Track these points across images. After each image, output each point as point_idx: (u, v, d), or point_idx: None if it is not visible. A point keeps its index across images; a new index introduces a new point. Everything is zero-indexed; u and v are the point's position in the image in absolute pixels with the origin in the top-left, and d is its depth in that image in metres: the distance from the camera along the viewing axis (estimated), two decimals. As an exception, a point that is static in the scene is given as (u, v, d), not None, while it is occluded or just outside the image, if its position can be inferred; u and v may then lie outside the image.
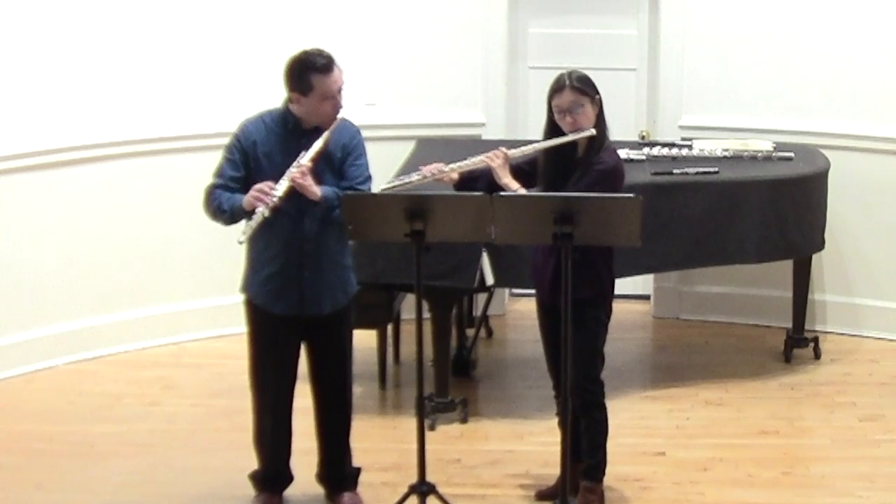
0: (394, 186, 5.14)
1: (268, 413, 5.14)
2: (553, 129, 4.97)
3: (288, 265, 4.94)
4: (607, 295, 5.04)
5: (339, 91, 4.89)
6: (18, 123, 6.62)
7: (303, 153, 4.82)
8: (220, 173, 4.94)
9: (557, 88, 4.92)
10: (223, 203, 4.87)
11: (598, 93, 4.94)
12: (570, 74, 4.94)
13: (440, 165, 5.09)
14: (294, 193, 4.81)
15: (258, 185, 4.78)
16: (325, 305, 5.01)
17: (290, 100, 4.90)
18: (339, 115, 4.89)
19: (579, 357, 4.95)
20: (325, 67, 4.83)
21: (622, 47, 7.52)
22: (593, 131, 4.89)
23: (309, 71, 4.82)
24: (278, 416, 5.13)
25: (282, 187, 4.76)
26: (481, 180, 5.02)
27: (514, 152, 5.04)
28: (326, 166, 4.92)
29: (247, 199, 4.79)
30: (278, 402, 5.11)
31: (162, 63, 6.96)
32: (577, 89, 4.88)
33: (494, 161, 4.99)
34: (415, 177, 5.09)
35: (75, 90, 6.76)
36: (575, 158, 4.96)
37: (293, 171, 4.78)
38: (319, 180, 4.87)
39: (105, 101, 6.84)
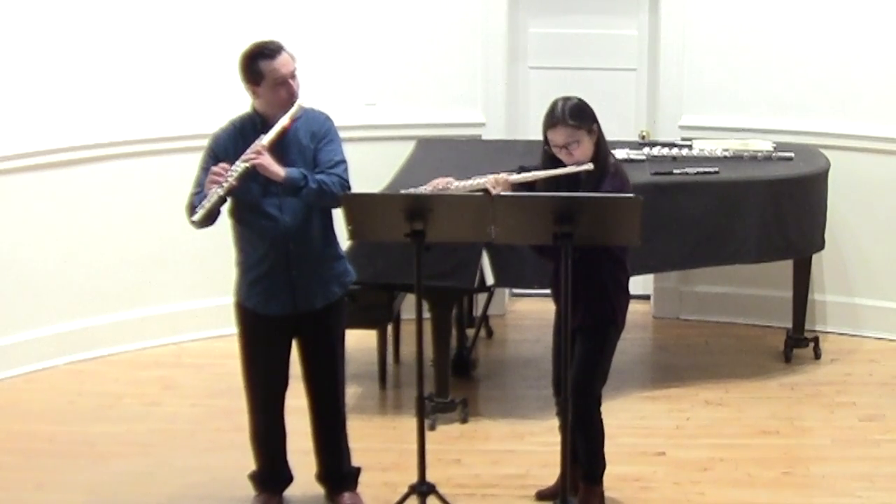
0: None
1: (261, 414, 5.14)
2: (550, 158, 4.90)
3: (275, 266, 4.94)
4: (619, 316, 5.00)
5: (292, 76, 4.88)
6: (18, 123, 6.62)
7: (261, 136, 4.83)
8: (198, 183, 4.94)
9: (551, 125, 4.82)
10: (195, 203, 4.87)
11: (595, 121, 4.84)
12: (563, 108, 4.81)
13: (449, 179, 5.04)
14: (270, 190, 4.82)
15: (214, 168, 4.79)
16: (317, 300, 5.00)
17: (251, 96, 4.91)
18: (300, 102, 4.87)
19: (579, 372, 4.94)
20: (271, 53, 4.84)
21: (622, 47, 7.51)
22: (591, 166, 4.81)
23: (257, 59, 4.84)
24: (271, 416, 5.14)
25: (238, 168, 4.76)
26: None
27: (516, 178, 4.94)
28: (299, 157, 4.91)
29: (206, 184, 4.80)
30: (271, 403, 5.12)
31: (161, 63, 6.96)
32: (571, 126, 4.79)
33: (496, 189, 4.89)
34: (423, 190, 5.07)
35: (75, 90, 6.76)
36: (579, 184, 4.87)
37: (249, 152, 4.79)
38: None
39: (104, 101, 6.85)
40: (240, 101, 5.11)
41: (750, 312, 7.35)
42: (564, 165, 4.85)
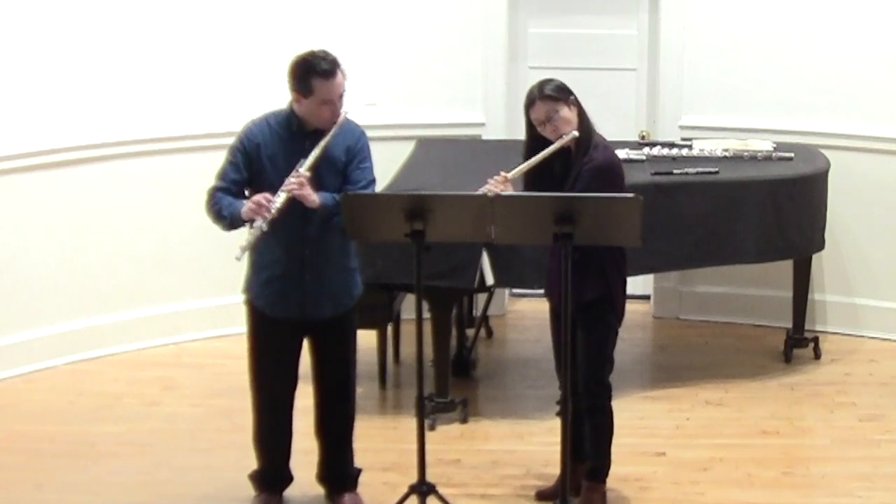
0: None
1: (267, 413, 5.13)
2: (534, 142, 4.96)
3: (289, 269, 4.93)
4: (616, 298, 5.02)
5: (340, 97, 4.86)
6: (18, 123, 6.62)
7: (301, 161, 4.80)
8: (222, 176, 4.92)
9: (529, 103, 4.96)
10: (223, 209, 4.85)
11: (571, 94, 4.95)
12: (539, 86, 4.96)
13: None
14: (293, 199, 4.80)
15: (256, 198, 4.76)
16: (326, 310, 5.00)
17: (293, 100, 4.89)
18: (341, 117, 4.88)
19: (587, 361, 4.97)
20: (327, 73, 4.79)
21: (622, 47, 7.51)
22: (576, 133, 4.89)
23: (311, 74, 4.80)
24: (278, 416, 5.13)
25: (279, 199, 4.74)
26: None
27: (513, 173, 4.99)
28: (330, 169, 4.90)
29: (244, 211, 4.78)
30: (278, 403, 5.11)
31: (162, 63, 6.96)
32: (547, 97, 4.90)
33: (497, 186, 4.94)
34: None
35: (75, 90, 6.75)
36: (570, 159, 4.96)
37: (291, 181, 4.76)
38: (322, 184, 4.86)
39: (105, 101, 6.84)
40: (241, 102, 5.11)
41: (750, 312, 7.35)
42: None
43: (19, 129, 6.63)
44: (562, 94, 4.93)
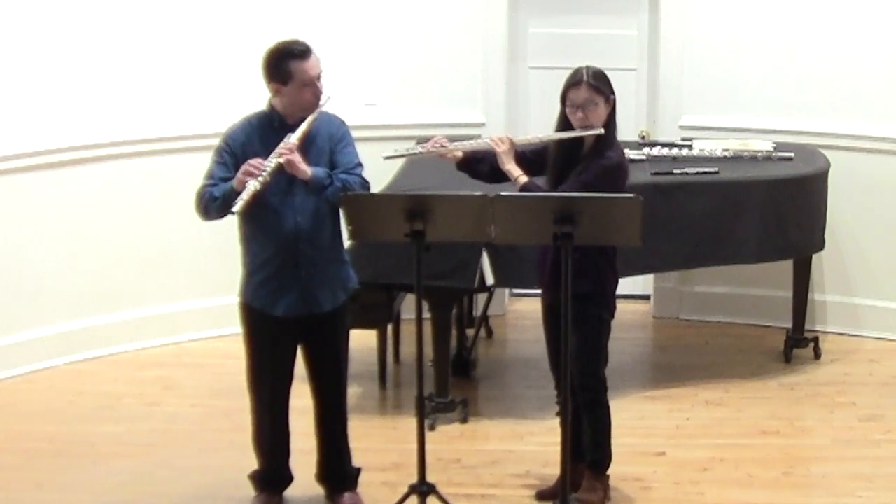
0: (399, 154, 5.23)
1: (266, 414, 5.14)
2: (566, 122, 4.99)
3: (284, 266, 4.94)
4: (608, 292, 5.04)
5: (318, 77, 4.90)
6: (18, 123, 6.62)
7: (289, 135, 4.84)
8: (210, 175, 4.94)
9: (574, 83, 4.96)
10: (214, 192, 4.87)
11: (613, 93, 4.99)
12: (587, 70, 4.97)
13: (443, 140, 5.15)
14: (284, 189, 4.83)
15: (249, 161, 4.79)
16: (325, 303, 5.01)
17: (272, 94, 4.92)
18: (323, 106, 4.90)
19: (581, 355, 4.97)
20: (302, 53, 4.86)
21: (622, 47, 7.51)
22: (602, 130, 4.92)
23: (286, 58, 4.84)
24: (276, 417, 5.14)
25: (271, 163, 4.78)
26: (485, 162, 5.05)
27: (520, 140, 5.09)
28: (318, 156, 4.93)
29: (237, 178, 4.79)
30: (276, 404, 5.12)
31: (161, 63, 6.96)
32: (593, 87, 4.93)
33: (500, 146, 5.04)
34: (418, 148, 5.17)
35: (75, 90, 6.76)
36: (581, 154, 4.98)
37: (281, 148, 4.80)
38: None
39: (105, 101, 6.84)
40: (241, 101, 5.11)
41: (750, 312, 7.35)
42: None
43: (19, 129, 6.63)
44: (606, 88, 4.97)
